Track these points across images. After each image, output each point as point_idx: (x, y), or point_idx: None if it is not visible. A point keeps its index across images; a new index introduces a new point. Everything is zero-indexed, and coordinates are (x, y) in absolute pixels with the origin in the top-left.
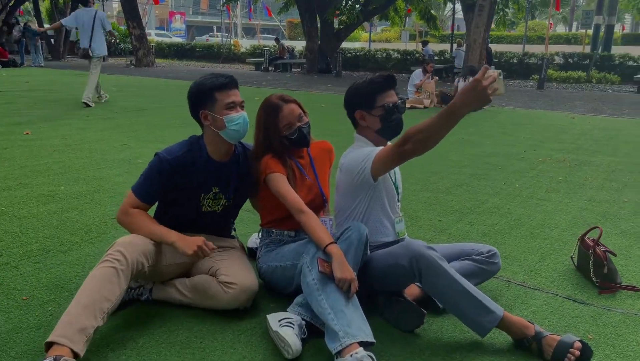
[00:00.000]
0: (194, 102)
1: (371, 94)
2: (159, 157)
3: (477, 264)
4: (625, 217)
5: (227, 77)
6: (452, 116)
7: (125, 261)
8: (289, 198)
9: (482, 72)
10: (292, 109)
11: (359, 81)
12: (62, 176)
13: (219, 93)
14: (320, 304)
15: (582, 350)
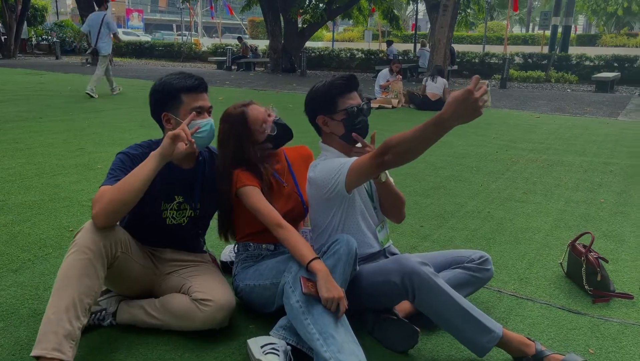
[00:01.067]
0: (157, 101)
1: (332, 97)
2: (121, 153)
3: (470, 272)
4: (605, 218)
5: (197, 79)
6: (439, 128)
7: (97, 247)
8: (264, 212)
9: (474, 82)
10: (256, 109)
11: (318, 84)
12: (11, 185)
13: (186, 96)
14: (307, 329)
15: None
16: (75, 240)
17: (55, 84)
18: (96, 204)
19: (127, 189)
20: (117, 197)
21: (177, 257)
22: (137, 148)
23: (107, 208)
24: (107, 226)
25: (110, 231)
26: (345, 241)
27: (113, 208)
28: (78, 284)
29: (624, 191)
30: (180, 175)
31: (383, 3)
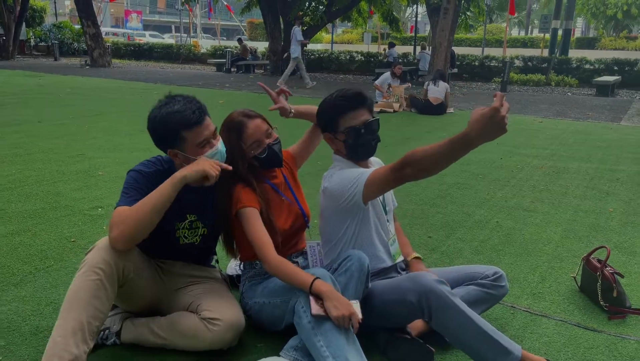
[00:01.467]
0: (160, 139)
1: (334, 117)
2: (133, 170)
3: (484, 289)
4: (615, 229)
5: (194, 109)
6: (465, 148)
7: (109, 268)
8: (258, 241)
9: (499, 100)
10: (257, 125)
11: (327, 98)
12: (11, 192)
13: (187, 132)
14: (320, 351)
15: None
16: (87, 259)
17: (54, 86)
18: (114, 228)
19: (148, 211)
20: (137, 220)
21: (186, 272)
22: (149, 166)
23: (127, 232)
24: (126, 249)
25: (126, 252)
26: (357, 257)
27: (134, 232)
28: (87, 307)
29: (633, 200)
30: (190, 194)
31: (383, 5)
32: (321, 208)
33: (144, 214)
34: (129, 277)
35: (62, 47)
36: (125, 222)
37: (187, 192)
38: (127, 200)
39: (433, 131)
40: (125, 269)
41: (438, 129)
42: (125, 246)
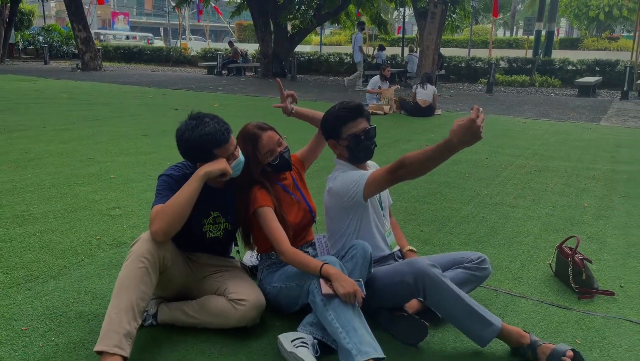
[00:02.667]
0: (191, 154)
1: (337, 126)
2: (164, 175)
3: (469, 272)
4: (588, 222)
5: (223, 130)
6: (448, 152)
7: (152, 258)
8: (275, 236)
9: (475, 112)
10: (270, 137)
11: (330, 109)
12: (32, 194)
13: (218, 150)
14: (332, 324)
15: (574, 358)
16: (133, 250)
17: (49, 91)
18: (154, 222)
19: (181, 204)
20: (173, 214)
21: (211, 262)
22: (176, 170)
23: (165, 225)
24: (165, 240)
25: (163, 244)
26: (361, 246)
27: (171, 224)
28: (136, 290)
29: (606, 196)
30: (213, 194)
31: (371, 8)
32: (326, 206)
33: (178, 208)
34: (167, 266)
35: (51, 51)
36: (162, 217)
37: (209, 192)
38: (162, 199)
39: (422, 132)
40: (165, 259)
41: (427, 131)
42: (165, 238)
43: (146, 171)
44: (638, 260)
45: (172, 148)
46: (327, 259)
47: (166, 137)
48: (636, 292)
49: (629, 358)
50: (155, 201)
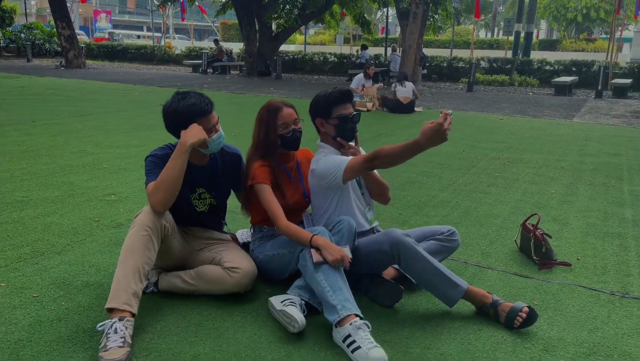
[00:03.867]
0: (173, 125)
1: (329, 105)
2: (150, 156)
3: (441, 243)
4: (554, 206)
5: (207, 102)
6: (417, 150)
7: (155, 226)
8: (271, 208)
9: (443, 117)
10: (290, 113)
11: (321, 92)
12: (30, 182)
13: (201, 120)
14: (320, 283)
15: (529, 313)
16: (137, 220)
17: (34, 88)
18: (152, 197)
19: (172, 176)
20: (166, 186)
21: (206, 235)
22: (159, 150)
23: (162, 197)
24: (164, 211)
25: (164, 215)
26: (347, 221)
27: (167, 195)
28: (141, 255)
29: (572, 184)
30: (198, 171)
31: (355, 9)
32: (310, 185)
33: (170, 179)
34: (167, 235)
35: (34, 48)
36: (158, 191)
37: (195, 170)
38: (153, 177)
39: (403, 128)
40: (165, 228)
41: (407, 127)
42: (164, 208)
43: (138, 162)
44: (595, 238)
45: (162, 142)
46: (317, 229)
47: (155, 131)
48: (591, 264)
49: (579, 316)
50: (147, 180)
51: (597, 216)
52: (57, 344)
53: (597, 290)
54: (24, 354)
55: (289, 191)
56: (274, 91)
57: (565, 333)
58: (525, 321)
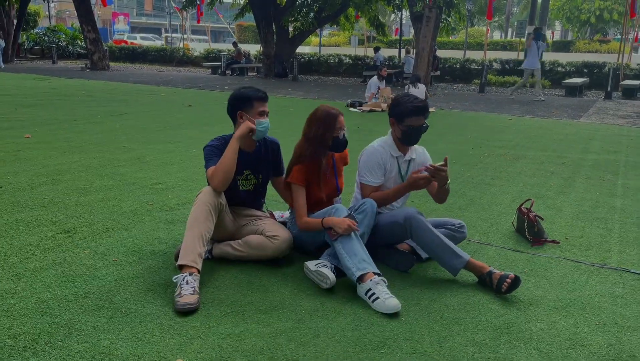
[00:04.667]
0: (236, 103)
1: (404, 115)
2: (208, 146)
3: (450, 232)
4: (551, 196)
5: (263, 92)
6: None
7: (213, 202)
8: (297, 206)
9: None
10: (343, 120)
11: (404, 98)
12: (86, 173)
13: (257, 102)
14: (340, 251)
15: (513, 280)
16: (199, 198)
17: (67, 89)
18: (213, 179)
19: (229, 163)
20: (225, 170)
21: (249, 213)
22: (216, 141)
23: (222, 180)
24: (223, 190)
25: (217, 192)
26: (370, 203)
27: (226, 178)
28: (203, 224)
29: (570, 177)
30: (246, 156)
31: (369, 12)
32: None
33: (227, 165)
34: (221, 210)
35: (57, 51)
36: (218, 174)
37: (244, 155)
38: (212, 163)
39: None
40: (220, 205)
41: None
42: (223, 188)
43: (176, 156)
44: (584, 222)
45: (194, 139)
46: (337, 207)
47: (186, 129)
48: (577, 242)
49: (561, 281)
50: (207, 165)
51: (588, 204)
52: (140, 293)
53: (579, 262)
54: (116, 300)
55: (325, 185)
56: (292, 92)
57: (548, 292)
58: (510, 287)
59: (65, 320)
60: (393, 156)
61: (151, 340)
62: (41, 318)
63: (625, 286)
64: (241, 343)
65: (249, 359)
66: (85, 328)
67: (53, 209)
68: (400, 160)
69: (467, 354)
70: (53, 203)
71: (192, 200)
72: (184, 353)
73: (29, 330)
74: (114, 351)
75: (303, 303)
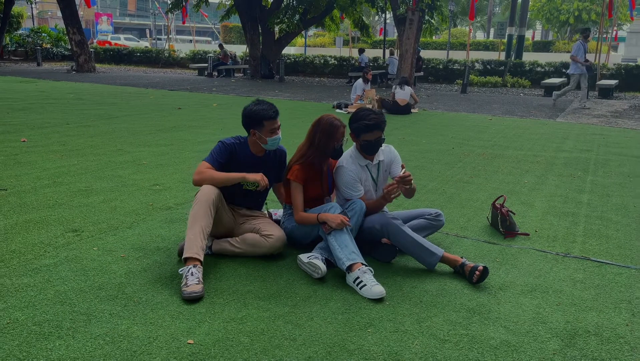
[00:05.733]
0: (248, 122)
1: (360, 131)
2: (221, 141)
3: (428, 221)
4: (524, 193)
5: (274, 110)
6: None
7: (210, 199)
8: (295, 201)
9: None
10: (344, 132)
11: (359, 115)
12: (86, 176)
13: (267, 122)
14: (332, 243)
15: (483, 270)
16: (197, 197)
17: (54, 92)
18: (196, 175)
19: (221, 181)
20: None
21: (248, 213)
22: (230, 139)
23: (199, 181)
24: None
25: (217, 192)
26: (359, 203)
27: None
28: (203, 219)
29: (543, 175)
30: (255, 159)
31: (354, 13)
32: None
33: (220, 181)
34: (219, 206)
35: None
36: (203, 176)
37: (254, 158)
38: (210, 159)
39: (400, 127)
40: (218, 201)
41: (404, 126)
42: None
43: (170, 158)
44: (553, 216)
45: (186, 141)
46: (331, 205)
47: (178, 132)
48: (545, 235)
49: (528, 268)
50: (207, 157)
51: (558, 200)
52: (149, 285)
53: (546, 252)
54: (128, 291)
55: (320, 185)
56: (279, 94)
57: (517, 278)
58: (480, 277)
59: (84, 309)
60: (362, 165)
61: (163, 324)
62: (61, 308)
63: (585, 272)
64: (244, 326)
65: (251, 339)
66: (102, 315)
67: (59, 210)
68: (370, 167)
69: (443, 332)
70: (58, 204)
71: (190, 200)
72: (193, 334)
73: (51, 318)
74: (131, 334)
75: (297, 290)
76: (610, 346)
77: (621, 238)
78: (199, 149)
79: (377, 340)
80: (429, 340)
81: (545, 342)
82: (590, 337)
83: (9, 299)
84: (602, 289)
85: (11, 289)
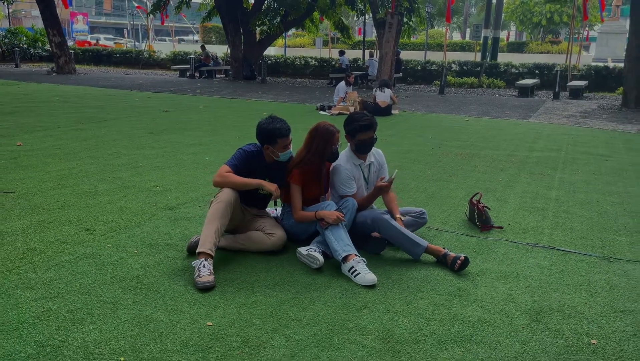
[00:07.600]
0: (262, 138)
1: (355, 132)
2: (241, 149)
3: (414, 218)
4: (499, 190)
5: (287, 128)
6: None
7: (230, 201)
8: (293, 201)
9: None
10: (339, 137)
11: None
12: (88, 178)
13: (280, 139)
14: (328, 237)
15: (464, 259)
16: (219, 196)
17: (39, 95)
18: (217, 177)
19: (240, 185)
20: (227, 182)
21: (255, 212)
22: (250, 147)
23: (219, 184)
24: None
25: (236, 195)
26: (352, 201)
27: (223, 185)
28: (220, 219)
29: (516, 173)
30: (268, 165)
31: (334, 15)
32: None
33: (239, 185)
34: (235, 205)
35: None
36: (225, 179)
37: (266, 164)
38: (231, 163)
39: (382, 128)
40: (236, 203)
41: (386, 128)
42: (215, 187)
43: (166, 161)
44: (524, 211)
45: (178, 143)
46: (327, 203)
47: (169, 135)
48: (517, 228)
49: (502, 257)
50: (228, 161)
51: (529, 196)
52: (163, 276)
53: (517, 243)
54: (146, 282)
55: (318, 186)
56: (263, 95)
57: (492, 266)
58: (461, 266)
59: (110, 298)
60: (356, 165)
61: (183, 310)
62: (89, 297)
63: (551, 260)
64: (254, 309)
65: (262, 320)
66: (127, 303)
67: (68, 211)
68: (362, 167)
69: (428, 311)
70: (67, 205)
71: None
72: (211, 317)
73: (81, 306)
74: (156, 318)
75: (299, 279)
76: (571, 321)
77: (584, 229)
78: (192, 152)
79: (372, 319)
80: (417, 319)
81: (515, 318)
82: (554, 313)
83: (39, 291)
84: (566, 274)
85: (39, 283)
